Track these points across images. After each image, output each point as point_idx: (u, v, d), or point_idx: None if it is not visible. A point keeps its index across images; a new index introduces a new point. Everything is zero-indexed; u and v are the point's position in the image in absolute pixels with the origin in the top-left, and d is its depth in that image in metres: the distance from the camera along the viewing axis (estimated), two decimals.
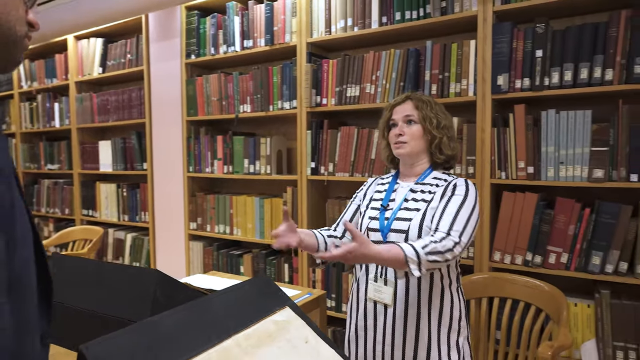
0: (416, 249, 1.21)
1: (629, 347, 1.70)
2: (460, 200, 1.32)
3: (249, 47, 2.59)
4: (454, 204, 1.31)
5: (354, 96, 2.25)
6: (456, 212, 1.30)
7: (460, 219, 1.29)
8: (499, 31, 1.88)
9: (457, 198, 1.33)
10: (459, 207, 1.31)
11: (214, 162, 2.81)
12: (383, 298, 1.39)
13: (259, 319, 0.95)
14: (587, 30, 1.74)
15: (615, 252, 1.71)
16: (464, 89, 1.98)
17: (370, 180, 1.62)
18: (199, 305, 0.92)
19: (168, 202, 3.06)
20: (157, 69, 3.05)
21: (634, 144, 1.68)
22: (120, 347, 0.72)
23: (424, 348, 1.34)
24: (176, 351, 0.78)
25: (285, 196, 2.52)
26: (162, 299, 1.25)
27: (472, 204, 1.33)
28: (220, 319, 0.90)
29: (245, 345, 0.85)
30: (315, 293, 1.84)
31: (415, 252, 1.20)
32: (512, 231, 1.88)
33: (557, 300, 1.63)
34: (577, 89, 1.75)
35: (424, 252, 1.20)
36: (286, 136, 2.73)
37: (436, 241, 1.23)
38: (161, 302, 1.26)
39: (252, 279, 1.08)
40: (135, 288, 1.24)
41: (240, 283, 1.06)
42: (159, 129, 3.07)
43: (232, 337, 0.86)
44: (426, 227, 1.33)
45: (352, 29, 2.25)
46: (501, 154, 1.91)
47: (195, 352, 0.79)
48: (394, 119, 1.47)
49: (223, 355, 0.80)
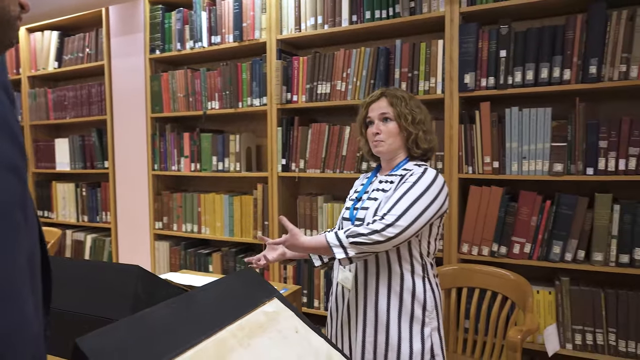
0: (337, 233, 1.32)
1: (587, 329, 1.82)
2: (407, 186, 1.34)
3: (217, 43, 2.56)
4: (401, 190, 1.34)
5: (325, 93, 2.27)
6: (399, 197, 1.32)
7: (402, 203, 1.30)
8: (465, 32, 1.95)
9: (405, 185, 1.35)
10: (405, 192, 1.33)
11: (180, 160, 2.75)
12: (346, 283, 1.45)
13: (250, 311, 0.95)
14: (546, 32, 1.84)
15: (573, 241, 1.82)
16: (432, 86, 2.04)
17: (361, 177, 1.68)
18: (190, 298, 0.91)
19: (131, 201, 2.97)
20: (118, 64, 2.95)
21: (589, 139, 1.80)
22: (117, 339, 0.70)
23: (383, 332, 1.36)
24: (172, 343, 0.77)
25: (256, 193, 2.51)
26: (144, 295, 1.23)
27: (423, 188, 1.33)
28: (213, 311, 0.90)
29: (240, 336, 0.85)
30: (291, 288, 1.85)
31: (337, 237, 1.31)
32: (479, 223, 1.97)
33: (523, 288, 1.72)
34: (538, 87, 1.85)
35: (345, 235, 1.30)
36: (255, 133, 2.72)
37: (360, 225, 1.32)
38: (143, 299, 1.23)
39: (238, 272, 1.08)
40: (115, 285, 1.20)
41: (226, 276, 1.05)
42: (122, 126, 2.98)
43: (226, 329, 0.86)
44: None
45: (322, 26, 2.28)
46: (468, 149, 1.98)
47: (191, 343, 0.78)
48: (370, 117, 1.51)
49: (219, 346, 0.80)
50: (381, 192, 1.43)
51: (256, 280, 1.07)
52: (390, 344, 1.35)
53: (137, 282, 1.20)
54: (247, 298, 1.01)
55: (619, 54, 1.74)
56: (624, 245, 1.76)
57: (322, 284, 2.33)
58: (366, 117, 1.52)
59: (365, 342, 1.38)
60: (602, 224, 1.78)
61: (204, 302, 0.94)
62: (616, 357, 1.78)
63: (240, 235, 2.58)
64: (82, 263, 1.35)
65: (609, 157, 1.77)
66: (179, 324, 0.83)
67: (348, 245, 1.29)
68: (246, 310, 0.95)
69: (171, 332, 0.79)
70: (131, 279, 1.23)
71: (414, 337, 1.35)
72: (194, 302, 0.92)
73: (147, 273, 1.23)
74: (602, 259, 1.78)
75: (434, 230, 1.39)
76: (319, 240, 1.34)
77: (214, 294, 0.98)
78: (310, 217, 2.38)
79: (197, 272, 2.15)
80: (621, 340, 1.77)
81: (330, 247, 1.31)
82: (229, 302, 0.97)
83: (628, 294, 1.76)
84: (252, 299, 1.00)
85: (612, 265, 1.78)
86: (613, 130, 1.77)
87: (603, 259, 1.78)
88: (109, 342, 0.69)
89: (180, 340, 0.77)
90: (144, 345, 0.73)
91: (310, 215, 2.37)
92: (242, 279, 1.07)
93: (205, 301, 0.94)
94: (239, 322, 0.90)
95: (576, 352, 1.83)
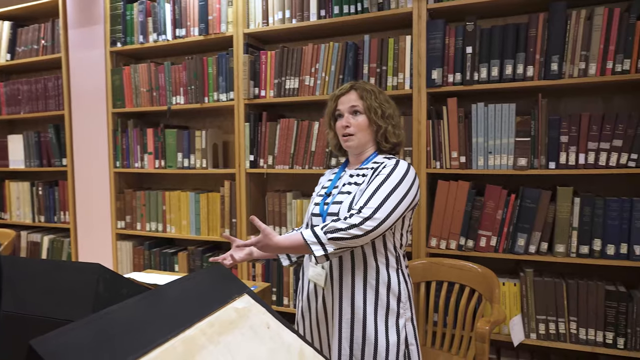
0: (314, 230, 1.28)
1: (550, 319, 1.87)
2: (382, 179, 1.33)
3: (182, 36, 2.49)
4: (375, 182, 1.33)
5: (293, 88, 2.25)
6: (374, 190, 1.31)
7: (378, 195, 1.29)
8: (432, 28, 1.97)
9: (379, 177, 1.34)
10: (379, 185, 1.32)
11: (144, 157, 2.66)
12: (319, 280, 1.42)
13: (220, 307, 0.92)
14: (510, 30, 1.88)
15: (537, 233, 1.87)
16: (400, 82, 2.06)
17: (326, 172, 1.65)
18: (157, 295, 0.87)
19: (92, 200, 2.85)
20: (77, 57, 2.82)
21: (551, 134, 1.85)
22: (76, 340, 0.66)
23: (359, 328, 1.35)
24: (137, 342, 0.72)
25: (223, 190, 2.45)
26: (106, 295, 1.16)
27: (397, 180, 1.32)
28: (181, 308, 0.86)
29: (210, 333, 0.82)
30: (260, 286, 1.82)
31: (314, 234, 1.27)
32: (446, 218, 1.99)
33: (490, 280, 1.75)
34: (503, 83, 1.89)
35: (323, 232, 1.27)
36: (222, 129, 2.66)
37: (337, 220, 1.29)
38: (105, 299, 1.17)
39: (207, 268, 1.04)
40: (75, 286, 1.14)
41: (194, 273, 1.02)
42: (81, 121, 2.85)
43: (195, 326, 0.82)
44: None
45: (290, 21, 2.25)
46: (436, 144, 2.01)
47: (158, 342, 0.74)
48: (339, 110, 1.49)
49: (189, 344, 0.76)
50: (354, 186, 1.41)
51: (226, 276, 1.04)
52: (367, 338, 1.34)
53: (99, 281, 1.14)
54: (216, 294, 0.97)
55: (579, 52, 1.80)
56: (584, 237, 1.82)
57: (291, 281, 2.31)
58: (335, 110, 1.50)
59: (342, 338, 1.37)
60: (564, 216, 1.84)
61: (172, 299, 0.90)
62: (577, 345, 1.84)
63: (207, 233, 2.52)
64: (38, 262, 1.27)
65: (570, 152, 1.83)
66: (144, 322, 0.78)
67: (327, 241, 1.26)
68: (216, 306, 0.92)
69: (136, 330, 0.75)
70: (92, 278, 1.16)
71: (389, 330, 1.35)
72: (161, 299, 0.88)
73: (109, 272, 1.17)
74: (564, 251, 1.84)
75: (406, 222, 1.40)
76: (294, 238, 1.30)
77: (181, 291, 0.94)
78: (279, 213, 2.35)
79: (161, 272, 2.08)
80: (582, 329, 1.83)
81: (307, 245, 1.27)
82: (197, 299, 0.93)
83: (588, 283, 1.83)
84: (222, 295, 0.97)
85: (573, 256, 1.84)
86: (573, 126, 1.82)
87: (565, 250, 1.84)
88: (68, 343, 0.65)
89: (146, 339, 0.73)
90: (106, 345, 0.68)
91: (279, 211, 2.34)
92: (211, 275, 1.03)
93: (172, 298, 0.90)
94: (209, 318, 0.87)
95: (540, 341, 1.88)
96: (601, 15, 1.77)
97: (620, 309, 1.79)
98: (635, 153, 1.75)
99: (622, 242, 1.78)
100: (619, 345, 1.79)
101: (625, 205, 1.77)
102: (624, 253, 1.78)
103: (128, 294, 1.17)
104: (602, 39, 1.77)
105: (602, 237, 1.80)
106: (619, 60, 1.76)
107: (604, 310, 1.80)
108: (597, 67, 1.78)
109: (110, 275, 1.20)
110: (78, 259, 2.94)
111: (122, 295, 1.19)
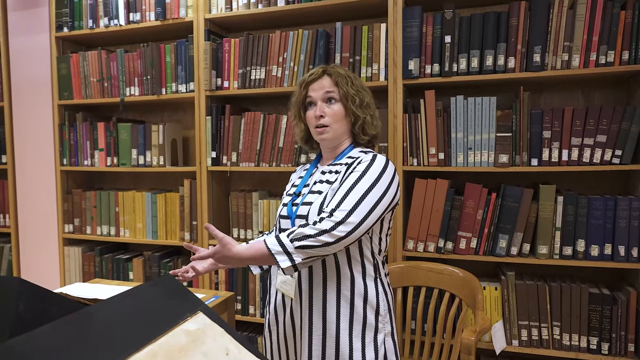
0: (279, 237, 1.12)
1: (532, 324, 1.78)
2: (356, 177, 1.16)
3: (136, 21, 2.27)
4: (349, 181, 1.16)
5: (259, 79, 2.07)
6: (347, 190, 1.14)
7: (352, 196, 1.13)
8: (409, 15, 1.84)
9: (354, 175, 1.17)
10: (354, 183, 1.15)
11: (94, 154, 2.42)
12: (287, 290, 1.25)
13: (166, 330, 0.74)
14: (490, 18, 1.78)
15: (519, 234, 1.77)
16: (375, 73, 1.92)
17: (297, 169, 1.48)
18: (87, 317, 0.68)
19: (36, 201, 2.58)
20: (17, 43, 2.54)
21: (533, 129, 1.75)
22: None
23: (332, 345, 1.19)
24: None
25: (183, 190, 2.25)
26: (27, 315, 0.95)
27: (374, 178, 1.16)
28: (117, 333, 0.67)
29: None
30: (223, 295, 1.63)
31: (279, 242, 1.11)
32: (424, 218, 1.86)
33: (471, 285, 1.63)
34: (484, 75, 1.78)
35: (289, 240, 1.10)
36: (181, 123, 2.45)
37: (305, 225, 1.12)
38: (26, 320, 0.96)
39: (153, 280, 0.85)
40: None
41: (138, 286, 0.83)
42: (22, 114, 2.57)
43: (133, 357, 0.64)
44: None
45: (255, 6, 2.07)
46: (413, 140, 1.88)
47: None
48: (311, 97, 1.30)
49: None
50: (325, 184, 1.25)
51: (176, 289, 0.85)
52: (341, 356, 1.18)
53: (18, 299, 0.93)
54: (164, 313, 0.79)
55: (562, 43, 1.71)
56: (567, 238, 1.73)
57: (258, 288, 2.13)
58: (306, 98, 1.32)
59: (312, 356, 1.20)
60: (547, 216, 1.74)
61: (106, 321, 0.71)
62: (560, 351, 1.74)
63: (165, 237, 2.31)
64: None
65: (553, 148, 1.74)
66: (68, 353, 0.59)
67: (293, 250, 1.09)
68: (162, 329, 0.73)
69: None
70: (9, 295, 0.95)
71: (366, 347, 1.19)
72: (93, 322, 0.68)
73: (31, 286, 0.95)
74: (547, 252, 1.74)
75: (384, 225, 1.24)
76: (257, 248, 1.13)
77: (119, 310, 0.74)
78: (244, 215, 2.16)
79: (113, 281, 1.86)
80: (565, 334, 1.74)
81: (272, 255, 1.11)
82: (139, 320, 0.74)
83: (571, 286, 1.74)
84: (171, 314, 0.79)
85: (556, 258, 1.75)
86: (556, 120, 1.73)
87: (548, 251, 1.75)
88: None
89: None
90: None
91: (244, 213, 2.16)
92: (158, 289, 0.84)
93: (107, 320, 0.71)
94: (151, 346, 0.68)
95: (522, 348, 1.78)
96: (584, 4, 1.69)
97: (604, 313, 1.71)
98: (619, 149, 1.68)
99: (606, 242, 1.70)
100: (604, 350, 1.71)
101: (610, 203, 1.69)
102: (608, 254, 1.70)
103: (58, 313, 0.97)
104: (586, 29, 1.69)
105: (585, 237, 1.72)
106: (603, 51, 1.68)
107: (588, 314, 1.72)
108: (581, 58, 1.70)
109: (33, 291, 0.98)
110: (20, 266, 2.66)
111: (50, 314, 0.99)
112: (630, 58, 1.66)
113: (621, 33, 1.66)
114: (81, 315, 0.66)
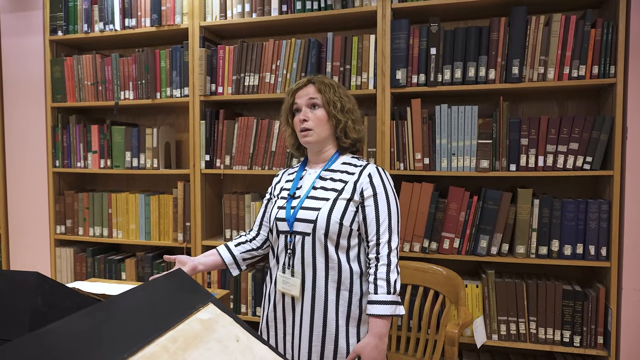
0: (385, 301, 1.27)
1: (511, 320, 1.89)
2: (377, 206, 1.33)
3: (132, 26, 2.32)
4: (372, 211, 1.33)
5: (253, 85, 2.15)
6: (378, 220, 1.32)
7: (383, 225, 1.32)
8: (397, 27, 1.95)
9: (381, 201, 1.33)
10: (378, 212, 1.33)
11: (87, 156, 2.46)
12: (291, 290, 1.34)
13: (183, 319, 0.82)
14: (472, 32, 1.89)
15: (498, 235, 1.89)
16: (364, 81, 2.01)
17: (280, 172, 1.56)
18: (107, 309, 0.75)
19: (27, 202, 2.60)
20: (10, 45, 2.57)
21: (512, 136, 1.87)
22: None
23: (331, 341, 1.30)
24: None
25: (176, 192, 2.31)
26: (46, 309, 1.02)
27: (391, 198, 1.35)
28: (138, 322, 0.75)
29: (173, 349, 0.72)
30: (219, 293, 1.70)
31: (390, 303, 1.28)
32: (410, 220, 1.97)
33: (454, 282, 1.73)
34: (466, 85, 1.90)
35: (394, 297, 1.28)
36: (175, 127, 2.51)
37: (379, 279, 1.28)
38: (43, 313, 1.02)
39: (166, 275, 0.93)
40: (7, 298, 0.98)
41: (152, 280, 0.90)
42: (15, 116, 2.59)
43: (155, 342, 0.72)
44: (334, 221, 1.29)
45: (250, 15, 2.15)
46: (399, 145, 1.98)
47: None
48: (297, 103, 1.42)
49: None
50: (332, 192, 1.34)
51: (187, 283, 0.93)
52: (339, 352, 1.29)
53: (36, 293, 1.00)
54: (178, 304, 0.87)
55: (538, 57, 1.84)
56: (543, 238, 1.85)
57: (249, 287, 2.20)
58: (293, 105, 1.44)
59: (312, 352, 1.30)
60: (524, 217, 1.86)
61: (125, 312, 0.78)
62: (536, 344, 1.86)
63: (158, 238, 2.36)
64: None
65: (530, 154, 1.86)
66: (94, 341, 0.67)
67: (398, 299, 1.30)
68: (179, 318, 0.81)
69: (84, 351, 0.63)
70: (28, 289, 1.01)
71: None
72: (112, 313, 0.76)
73: (49, 281, 1.02)
74: (524, 252, 1.86)
75: None
76: (378, 321, 1.29)
77: (137, 302, 0.82)
78: (236, 216, 2.23)
79: (108, 281, 1.91)
80: (541, 328, 1.86)
81: (395, 316, 1.31)
82: (157, 310, 0.82)
83: (546, 283, 1.86)
84: (185, 305, 0.87)
85: (532, 257, 1.86)
86: (533, 129, 1.86)
87: (525, 251, 1.86)
88: None
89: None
90: None
91: (237, 214, 2.23)
92: (170, 283, 0.92)
93: (127, 311, 0.79)
94: (171, 332, 0.76)
95: (501, 342, 1.89)
96: (559, 22, 1.82)
97: (576, 308, 1.83)
98: (590, 156, 1.81)
99: (578, 242, 1.83)
100: (575, 343, 1.84)
101: (581, 206, 1.82)
102: (580, 253, 1.83)
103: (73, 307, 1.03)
104: (560, 45, 1.82)
105: (559, 237, 1.84)
106: (575, 66, 1.81)
107: (562, 310, 1.84)
108: (555, 72, 1.83)
109: (50, 286, 1.05)
110: (10, 267, 2.67)
111: (66, 308, 1.05)
112: (599, 72, 1.79)
113: (592, 49, 1.79)
114: (100, 307, 0.74)
